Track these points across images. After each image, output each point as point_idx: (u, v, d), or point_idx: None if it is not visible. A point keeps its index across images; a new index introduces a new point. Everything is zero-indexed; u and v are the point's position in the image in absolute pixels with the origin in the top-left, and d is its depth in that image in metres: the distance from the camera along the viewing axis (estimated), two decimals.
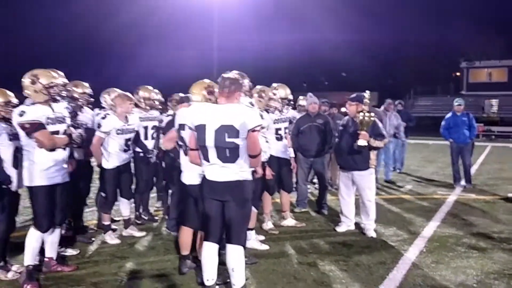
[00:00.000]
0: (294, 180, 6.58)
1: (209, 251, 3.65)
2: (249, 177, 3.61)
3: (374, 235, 5.56)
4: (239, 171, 3.53)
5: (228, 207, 3.57)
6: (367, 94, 5.54)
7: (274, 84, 5.85)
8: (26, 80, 3.98)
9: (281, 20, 46.57)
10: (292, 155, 6.05)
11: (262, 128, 4.46)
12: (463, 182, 9.12)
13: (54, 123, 4.01)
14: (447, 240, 5.46)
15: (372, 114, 5.37)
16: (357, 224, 5.86)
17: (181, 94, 6.39)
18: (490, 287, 4.08)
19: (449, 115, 9.23)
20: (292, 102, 6.25)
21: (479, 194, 8.35)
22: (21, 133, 3.94)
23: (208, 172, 3.59)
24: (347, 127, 5.65)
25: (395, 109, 9.83)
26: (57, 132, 4.04)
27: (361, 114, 5.30)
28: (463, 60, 40.53)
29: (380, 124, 5.60)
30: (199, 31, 35.42)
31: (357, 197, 5.79)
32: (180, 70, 39.99)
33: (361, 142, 5.28)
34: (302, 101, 7.68)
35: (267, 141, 5.26)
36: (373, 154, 5.55)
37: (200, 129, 3.51)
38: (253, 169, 3.74)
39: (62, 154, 4.11)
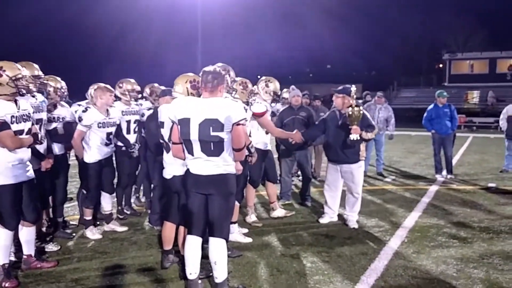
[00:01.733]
0: (278, 172, 6.59)
1: (192, 245, 3.64)
2: (233, 170, 3.61)
3: (356, 226, 5.59)
4: (223, 164, 3.52)
5: (211, 201, 3.56)
6: (353, 88, 5.52)
7: (264, 78, 5.77)
8: None
9: (266, 15, 46.45)
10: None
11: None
12: (444, 173, 9.24)
13: (18, 122, 3.86)
14: (428, 230, 5.53)
15: (361, 107, 5.36)
16: (339, 216, 5.89)
17: (162, 87, 6.35)
18: (470, 276, 4.13)
19: (431, 106, 9.31)
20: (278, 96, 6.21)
21: (460, 184, 8.46)
22: None
23: (192, 166, 3.57)
24: (334, 120, 5.61)
25: (386, 102, 9.83)
26: (21, 131, 3.90)
27: (350, 109, 5.28)
28: (446, 52, 40.94)
29: (368, 115, 5.61)
30: (183, 28, 35.10)
31: (343, 188, 5.78)
32: (165, 67, 39.76)
33: (353, 136, 5.28)
34: (285, 93, 7.66)
35: (250, 135, 5.23)
36: (362, 146, 5.55)
37: (184, 123, 3.48)
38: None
39: (26, 152, 4.00)
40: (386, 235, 5.31)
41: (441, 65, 44.68)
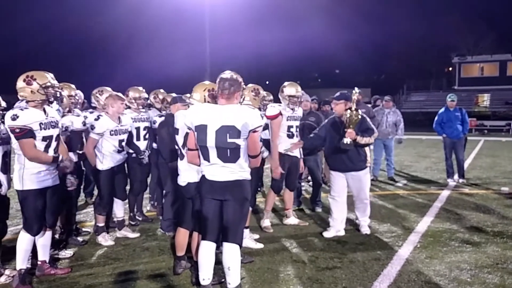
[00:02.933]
0: None
1: (206, 250, 3.65)
2: (248, 176, 3.63)
3: (368, 231, 5.54)
4: (239, 170, 3.54)
5: (226, 206, 3.58)
6: (356, 90, 5.39)
7: (287, 83, 5.83)
8: (21, 82, 3.93)
9: (274, 18, 46.56)
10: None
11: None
12: (456, 177, 9.16)
13: (47, 128, 3.96)
14: (441, 235, 5.49)
15: (360, 111, 5.25)
16: (351, 221, 5.87)
17: (173, 94, 6.40)
18: (484, 281, 4.09)
19: (442, 110, 9.26)
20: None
21: (472, 189, 8.39)
22: (12, 136, 3.90)
23: (208, 172, 3.59)
24: (336, 127, 5.44)
25: (394, 106, 9.78)
26: (50, 137, 4.00)
27: (348, 112, 5.16)
28: (455, 55, 40.72)
29: (368, 120, 5.49)
30: (191, 30, 35.30)
31: (349, 194, 5.67)
32: (172, 70, 39.99)
33: (346, 140, 5.13)
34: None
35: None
36: (368, 151, 5.49)
37: (201, 130, 3.50)
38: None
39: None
40: (399, 241, 5.28)
41: (450, 69, 44.42)
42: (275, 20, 46.11)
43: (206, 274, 3.66)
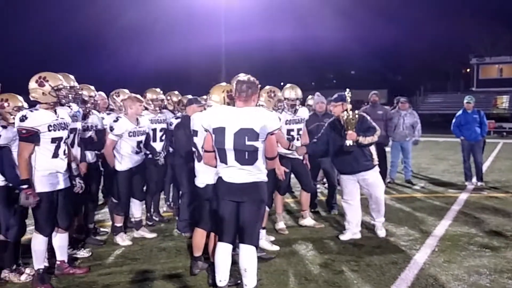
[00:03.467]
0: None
1: (223, 252, 3.66)
2: (265, 178, 3.65)
3: (384, 234, 5.49)
4: (257, 172, 3.55)
5: (243, 208, 3.59)
6: (347, 91, 5.24)
7: (289, 84, 5.84)
8: (33, 83, 3.97)
9: (288, 18, 46.44)
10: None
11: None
12: (474, 180, 9.04)
13: (56, 130, 3.98)
14: (459, 239, 5.42)
15: (356, 111, 5.15)
16: (367, 224, 5.82)
17: (189, 96, 6.44)
18: (504, 287, 4.03)
19: (459, 112, 9.14)
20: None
21: (491, 192, 8.27)
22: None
23: (225, 174, 3.60)
24: (337, 130, 5.29)
25: (410, 107, 9.67)
26: (60, 139, 4.02)
27: (345, 113, 5.06)
28: (473, 57, 40.15)
29: (368, 118, 5.36)
30: (206, 29, 35.41)
31: (363, 196, 5.63)
32: (188, 67, 40.15)
33: (348, 142, 5.04)
34: (310, 100, 7.63)
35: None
36: (373, 150, 5.34)
37: (219, 132, 3.52)
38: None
39: (63, 161, 4.11)
40: (416, 244, 5.22)
41: (468, 70, 43.81)
42: (289, 20, 46.01)
43: (222, 276, 3.67)
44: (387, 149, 9.06)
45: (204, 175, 4.12)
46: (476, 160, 8.95)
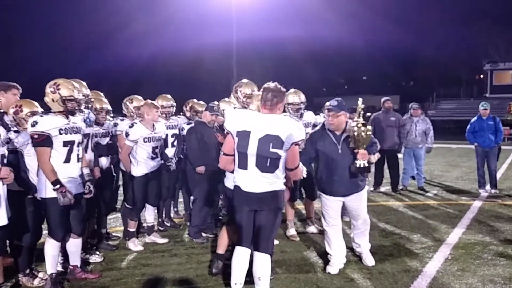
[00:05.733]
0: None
1: (241, 256, 3.66)
2: (283, 187, 3.62)
3: (374, 262, 4.75)
4: (276, 181, 3.53)
5: (260, 216, 3.58)
6: (360, 101, 4.42)
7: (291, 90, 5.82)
8: (47, 88, 4.03)
9: (299, 22, 46.37)
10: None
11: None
12: (488, 187, 8.92)
13: (68, 133, 4.01)
14: (473, 247, 5.35)
15: (369, 127, 4.31)
16: (380, 231, 5.77)
17: (201, 102, 6.48)
18: None
19: (474, 118, 9.04)
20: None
21: (506, 200, 8.15)
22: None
23: (243, 183, 3.55)
24: (330, 145, 4.42)
25: (423, 114, 9.57)
26: (72, 142, 4.05)
27: (356, 128, 4.23)
28: (487, 62, 39.75)
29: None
30: (217, 30, 35.51)
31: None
32: (198, 67, 40.25)
33: (360, 162, 4.29)
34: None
35: None
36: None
37: (243, 136, 3.48)
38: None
39: (76, 166, 4.13)
40: (429, 252, 5.17)
41: (481, 76, 43.39)
42: (300, 25, 45.94)
43: (238, 279, 3.66)
44: (399, 155, 9.01)
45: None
46: (490, 167, 8.85)
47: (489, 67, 39.30)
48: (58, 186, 3.89)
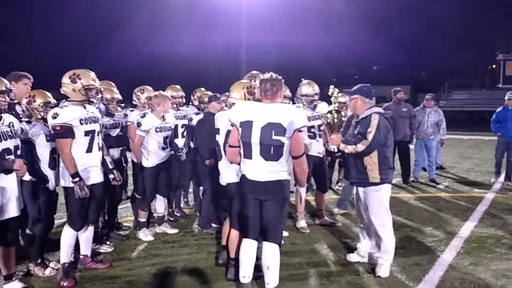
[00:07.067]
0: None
1: (248, 248, 3.67)
2: (288, 177, 3.64)
3: (385, 275, 4.22)
4: (280, 170, 3.54)
5: (267, 206, 3.59)
6: (331, 88, 4.38)
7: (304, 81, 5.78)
8: (66, 78, 4.05)
9: (308, 15, 45.99)
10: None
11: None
12: (501, 179, 8.80)
13: (88, 123, 4.05)
14: (485, 240, 5.29)
15: (342, 114, 4.40)
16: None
17: (209, 93, 6.44)
18: None
19: (499, 108, 8.85)
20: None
21: None
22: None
23: (249, 171, 3.60)
24: (351, 129, 4.49)
25: (436, 105, 9.43)
26: (93, 131, 4.09)
27: (329, 115, 4.36)
28: (500, 52, 39.17)
29: (376, 122, 4.16)
30: (226, 24, 35.34)
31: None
32: (207, 65, 40.23)
33: (332, 146, 4.46)
34: (341, 98, 7.23)
35: None
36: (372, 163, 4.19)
37: (246, 126, 3.53)
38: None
39: (97, 155, 4.17)
40: (441, 245, 5.12)
41: (494, 66, 42.80)
42: (309, 19, 45.56)
43: (246, 272, 3.67)
44: (411, 146, 8.91)
45: (227, 174, 4.11)
46: (509, 158, 8.68)
47: (502, 57, 38.76)
48: (77, 179, 3.95)
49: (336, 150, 4.58)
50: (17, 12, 43.16)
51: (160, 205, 5.59)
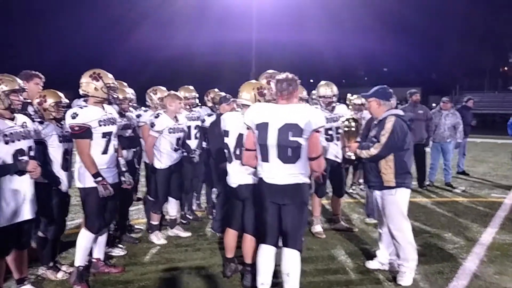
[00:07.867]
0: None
1: (266, 254, 3.56)
2: (307, 180, 3.53)
3: (408, 283, 4.08)
4: (299, 173, 3.43)
5: (286, 211, 3.48)
6: (349, 95, 4.62)
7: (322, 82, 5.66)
8: (87, 78, 3.97)
9: (318, 16, 45.74)
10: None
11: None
12: None
13: (106, 124, 3.98)
14: (508, 248, 5.12)
15: (359, 121, 4.48)
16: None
17: (221, 93, 6.33)
18: None
19: None
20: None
21: None
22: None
23: (266, 175, 3.49)
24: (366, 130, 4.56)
25: (453, 107, 9.25)
26: (110, 133, 4.02)
27: (346, 122, 4.40)
28: None
29: (390, 126, 4.03)
30: (237, 25, 35.30)
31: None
32: (221, 66, 40.27)
33: (349, 154, 4.44)
34: (357, 99, 6.84)
35: None
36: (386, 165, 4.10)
37: (262, 128, 3.43)
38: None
39: (113, 156, 4.09)
40: (462, 253, 4.95)
41: (506, 68, 42.38)
42: (318, 15, 45.27)
43: (265, 279, 3.56)
44: (427, 149, 8.73)
45: (237, 175, 3.97)
46: None
47: None
48: (100, 178, 3.88)
49: (353, 158, 4.46)
50: (33, 13, 43.54)
51: (172, 207, 5.48)
